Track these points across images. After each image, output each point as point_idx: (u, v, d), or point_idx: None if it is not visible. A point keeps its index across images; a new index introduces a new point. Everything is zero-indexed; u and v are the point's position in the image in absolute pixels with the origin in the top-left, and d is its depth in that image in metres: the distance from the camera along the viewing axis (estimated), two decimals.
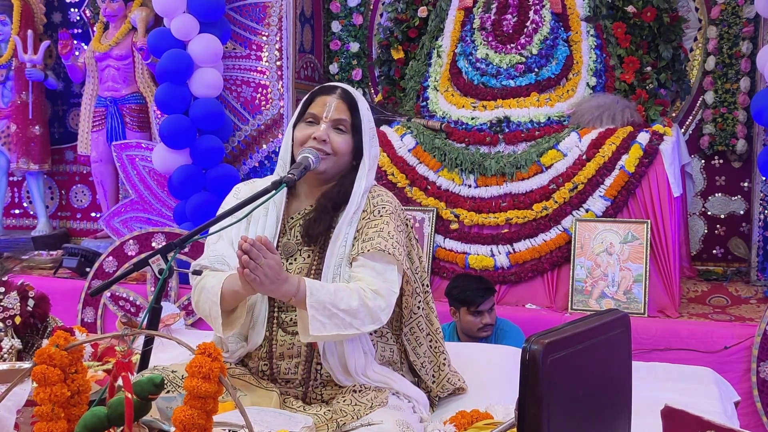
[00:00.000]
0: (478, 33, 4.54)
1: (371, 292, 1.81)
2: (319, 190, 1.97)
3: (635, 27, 4.29)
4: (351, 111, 1.94)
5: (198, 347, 1.21)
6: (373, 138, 1.98)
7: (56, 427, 1.27)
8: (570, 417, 1.19)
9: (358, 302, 1.78)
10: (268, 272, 1.68)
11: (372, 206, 1.95)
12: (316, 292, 1.75)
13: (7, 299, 2.23)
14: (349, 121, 1.94)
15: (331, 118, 1.92)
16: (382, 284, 1.84)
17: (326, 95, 1.96)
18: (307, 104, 1.98)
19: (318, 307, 1.73)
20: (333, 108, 1.93)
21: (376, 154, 2.01)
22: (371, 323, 1.81)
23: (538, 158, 4.00)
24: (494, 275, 3.98)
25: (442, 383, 2.06)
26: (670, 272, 3.77)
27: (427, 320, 2.04)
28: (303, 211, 1.98)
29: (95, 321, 4.31)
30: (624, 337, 1.36)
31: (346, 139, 1.93)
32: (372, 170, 1.98)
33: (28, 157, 5.73)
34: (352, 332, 1.78)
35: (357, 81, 5.35)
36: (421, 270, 2.04)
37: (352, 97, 1.96)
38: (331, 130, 1.92)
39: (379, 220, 1.92)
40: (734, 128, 4.57)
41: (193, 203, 4.56)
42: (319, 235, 1.91)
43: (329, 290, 1.77)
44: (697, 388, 2.20)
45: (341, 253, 1.89)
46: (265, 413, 1.70)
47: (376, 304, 1.80)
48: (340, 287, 1.80)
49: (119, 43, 5.27)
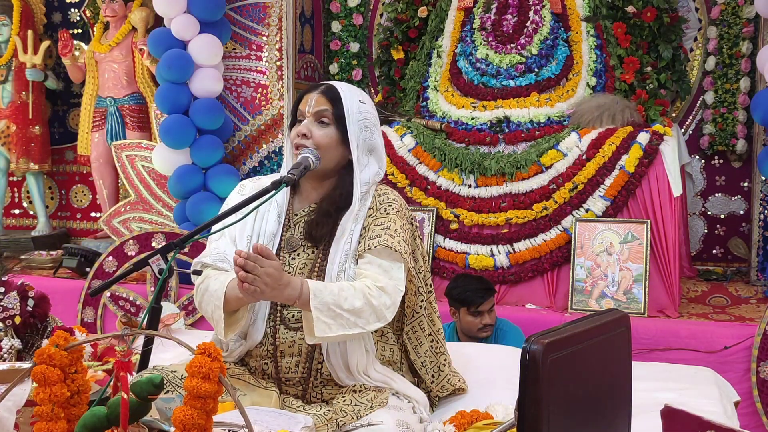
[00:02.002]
0: (478, 33, 4.54)
1: (376, 289, 1.80)
2: (321, 186, 1.97)
3: (635, 27, 4.29)
4: (332, 102, 1.92)
5: (198, 347, 1.21)
6: (365, 130, 1.94)
7: (56, 427, 1.27)
8: (570, 417, 1.19)
9: (363, 301, 1.77)
10: (267, 281, 1.68)
11: (378, 204, 1.95)
12: (320, 294, 1.74)
13: (7, 299, 2.23)
14: (331, 111, 1.91)
15: (311, 112, 1.92)
16: (388, 281, 1.83)
17: (310, 92, 1.96)
18: (296, 106, 1.98)
19: (322, 308, 1.73)
20: (314, 102, 1.93)
21: (373, 147, 1.97)
22: (376, 321, 1.80)
23: (538, 158, 4.00)
24: (494, 275, 3.98)
25: (441, 383, 2.06)
26: (670, 272, 3.77)
27: (429, 320, 2.03)
28: (307, 209, 1.97)
29: (95, 321, 4.31)
30: (624, 337, 1.36)
31: (327, 132, 1.91)
32: (372, 164, 1.96)
33: (28, 157, 5.73)
34: (358, 331, 1.78)
35: (357, 81, 5.36)
36: (424, 269, 2.04)
37: (334, 90, 1.94)
38: (314, 125, 1.92)
39: (386, 217, 1.92)
40: (734, 128, 4.57)
41: (193, 203, 4.56)
42: (321, 237, 1.91)
43: (333, 291, 1.76)
44: (697, 388, 2.20)
45: (346, 250, 1.89)
46: (265, 413, 1.70)
47: (381, 301, 1.80)
48: (344, 286, 1.79)
49: (119, 43, 5.26)
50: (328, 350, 1.85)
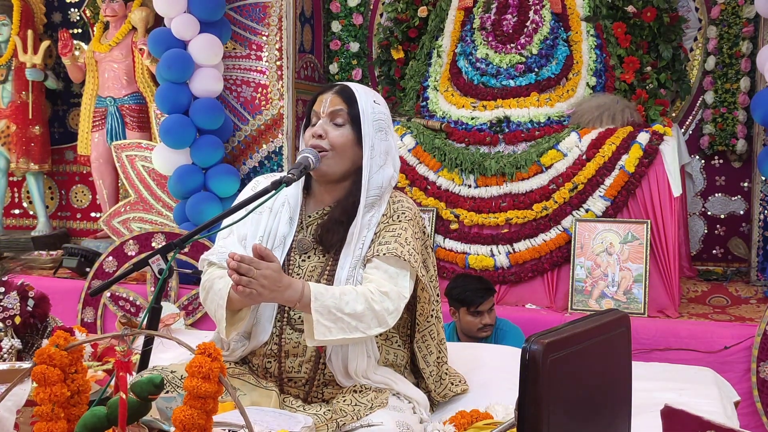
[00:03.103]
0: (478, 33, 4.54)
1: (379, 294, 1.78)
2: (335, 189, 1.95)
3: (635, 27, 4.29)
4: (347, 102, 1.90)
5: (198, 347, 1.21)
6: (380, 131, 1.90)
7: (56, 427, 1.27)
8: (570, 417, 1.19)
9: (364, 306, 1.75)
10: (264, 283, 1.67)
11: (392, 211, 1.93)
12: (321, 297, 1.73)
13: (7, 299, 2.23)
14: (346, 111, 1.89)
15: (326, 112, 1.91)
16: (392, 287, 1.81)
17: (324, 93, 1.95)
18: (311, 106, 1.96)
19: (322, 311, 1.72)
20: (328, 102, 1.91)
21: (387, 148, 1.92)
22: (377, 326, 1.78)
23: (538, 158, 4.00)
24: (494, 275, 3.98)
25: (444, 392, 2.06)
26: (670, 272, 3.77)
27: (437, 329, 2.03)
28: (321, 211, 1.96)
29: (95, 321, 4.31)
30: (624, 337, 1.36)
31: (343, 132, 1.89)
32: (387, 167, 1.91)
33: (28, 157, 5.73)
34: (358, 336, 1.76)
35: (357, 81, 5.35)
36: (435, 279, 2.02)
37: (349, 90, 1.93)
38: (329, 125, 1.90)
39: (398, 225, 1.90)
40: (734, 128, 4.57)
41: (193, 203, 4.56)
42: (332, 245, 1.90)
43: (334, 294, 1.75)
44: (697, 388, 2.20)
45: (357, 256, 1.87)
46: (265, 413, 1.70)
47: (384, 306, 1.78)
48: (347, 290, 1.78)
49: (119, 43, 5.26)
50: (330, 352, 1.85)
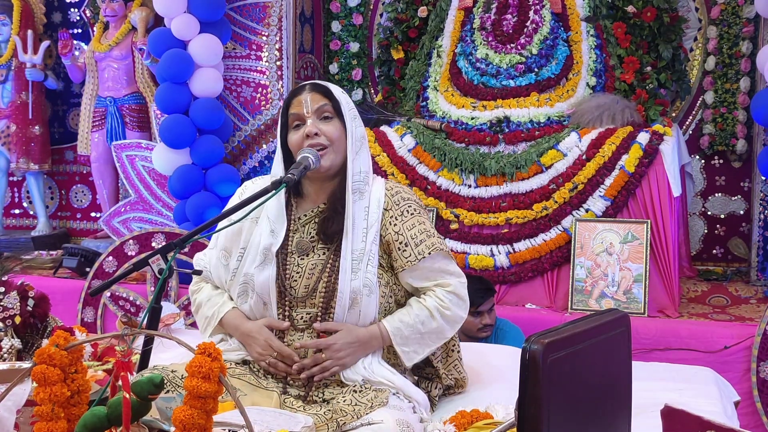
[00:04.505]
0: (478, 33, 4.54)
1: (447, 298, 1.92)
2: (330, 185, 1.97)
3: (635, 27, 4.29)
4: (327, 96, 1.94)
5: (198, 347, 1.21)
6: (355, 118, 1.97)
7: (56, 427, 1.27)
8: (570, 417, 1.18)
9: (439, 321, 1.91)
10: (345, 353, 1.84)
11: (394, 203, 1.96)
12: (398, 332, 1.89)
13: (7, 299, 2.22)
14: (331, 105, 1.94)
15: (312, 110, 1.92)
16: (454, 280, 1.95)
17: (298, 95, 1.96)
18: (286, 112, 1.97)
19: (405, 343, 1.89)
20: (309, 101, 1.93)
21: (362, 134, 1.98)
22: (456, 325, 1.96)
23: (538, 158, 4.00)
24: (494, 275, 3.98)
25: (448, 368, 2.08)
26: (670, 272, 3.77)
27: None
28: (316, 209, 1.97)
29: (95, 321, 4.30)
30: (624, 337, 1.36)
31: (335, 125, 1.93)
32: (364, 150, 1.97)
33: (28, 157, 5.73)
34: (442, 342, 1.97)
35: (357, 81, 5.35)
36: None
37: (322, 86, 1.97)
38: (318, 122, 1.92)
39: (414, 219, 1.95)
40: (734, 128, 4.57)
41: (193, 203, 4.56)
42: (334, 234, 1.92)
43: (409, 323, 1.90)
44: (697, 388, 2.20)
45: (360, 249, 1.89)
46: (265, 413, 1.69)
47: (455, 311, 1.93)
48: (418, 311, 1.91)
49: (119, 43, 5.26)
50: None
